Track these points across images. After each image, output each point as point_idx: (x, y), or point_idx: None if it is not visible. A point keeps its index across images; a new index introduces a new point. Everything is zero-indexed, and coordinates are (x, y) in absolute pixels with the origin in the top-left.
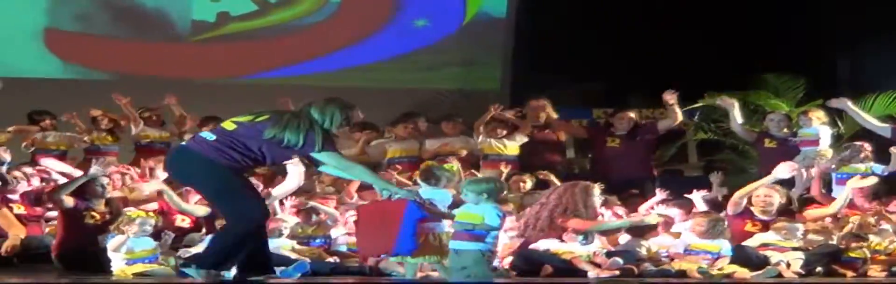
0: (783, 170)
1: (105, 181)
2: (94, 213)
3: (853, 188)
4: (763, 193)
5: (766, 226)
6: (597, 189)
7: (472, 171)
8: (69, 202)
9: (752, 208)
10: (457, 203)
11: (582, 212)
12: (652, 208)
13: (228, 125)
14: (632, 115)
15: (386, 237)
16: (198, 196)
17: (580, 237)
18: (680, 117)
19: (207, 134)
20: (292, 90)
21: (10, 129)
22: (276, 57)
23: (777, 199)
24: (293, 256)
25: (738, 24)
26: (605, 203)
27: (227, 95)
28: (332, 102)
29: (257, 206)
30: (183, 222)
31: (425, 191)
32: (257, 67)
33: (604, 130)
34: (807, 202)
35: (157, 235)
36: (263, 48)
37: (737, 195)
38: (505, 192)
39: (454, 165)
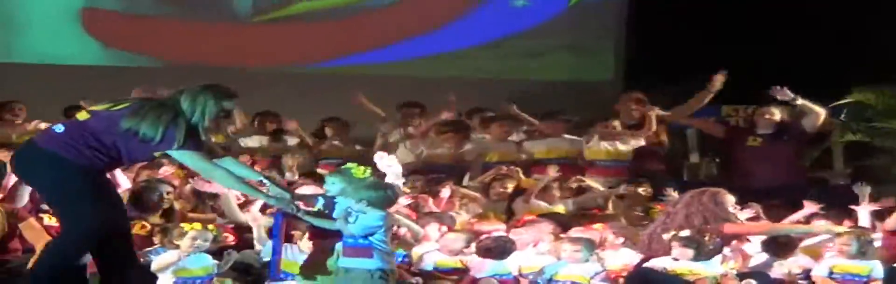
0: None
1: (166, 188)
2: (145, 223)
3: None
4: None
5: None
6: (729, 196)
7: (580, 177)
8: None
9: None
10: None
11: (729, 219)
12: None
13: (82, 115)
14: (777, 111)
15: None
16: (258, 204)
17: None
18: (822, 113)
19: (58, 126)
20: (367, 81)
21: (41, 125)
22: (348, 42)
23: None
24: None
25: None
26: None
27: (290, 87)
28: (208, 90)
29: (98, 212)
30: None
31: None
32: (326, 53)
33: (743, 129)
34: None
35: (214, 252)
36: (334, 32)
37: None
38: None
39: (363, 169)
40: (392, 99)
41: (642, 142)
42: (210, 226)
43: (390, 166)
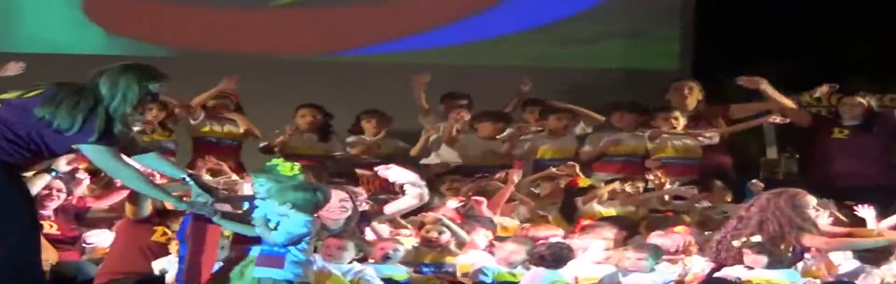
0: None
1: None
2: (167, 230)
3: None
4: None
5: None
6: (809, 198)
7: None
8: (145, 211)
9: None
10: None
11: (807, 227)
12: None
13: None
14: (864, 101)
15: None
16: None
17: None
18: None
19: None
20: (401, 70)
21: None
22: (380, 28)
23: None
24: None
25: None
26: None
27: (314, 78)
28: (129, 70)
29: (32, 211)
30: None
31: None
32: (356, 41)
33: (827, 119)
34: None
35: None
36: (365, 17)
37: None
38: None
39: (291, 165)
40: (432, 90)
41: (716, 139)
42: (226, 232)
43: (398, 178)
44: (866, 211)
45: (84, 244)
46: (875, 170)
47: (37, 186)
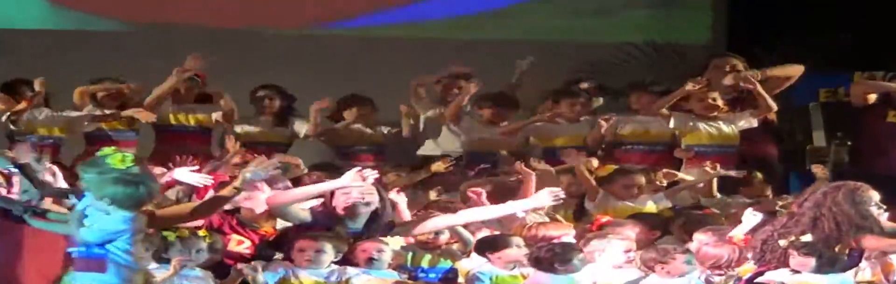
0: None
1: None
2: None
3: None
4: None
5: None
6: (871, 193)
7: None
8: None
9: None
10: None
11: (868, 226)
12: None
13: None
14: None
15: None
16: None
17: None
18: None
19: None
20: (391, 46)
21: None
22: None
23: None
24: None
25: None
26: None
27: (292, 55)
28: None
29: None
30: (239, 246)
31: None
32: (340, 12)
33: (881, 101)
34: None
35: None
36: None
37: None
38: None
39: (122, 156)
40: (428, 68)
41: (755, 122)
42: (202, 232)
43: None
44: None
45: None
46: None
47: None
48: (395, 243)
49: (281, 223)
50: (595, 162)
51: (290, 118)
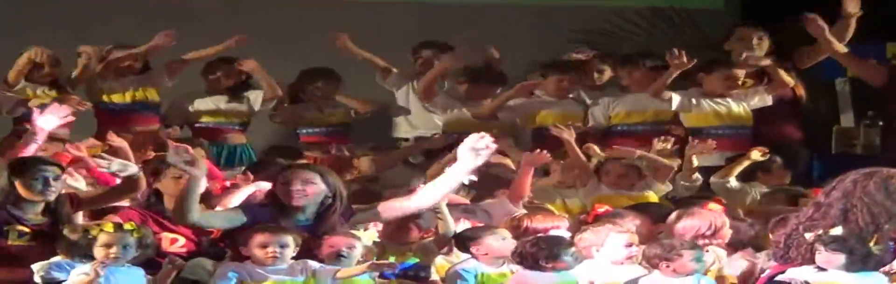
0: None
1: (53, 172)
2: (22, 228)
3: None
4: None
5: None
6: None
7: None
8: None
9: None
10: None
11: None
12: None
13: None
14: None
15: None
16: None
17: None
18: None
19: None
20: (369, 8)
21: None
22: None
23: None
24: None
25: None
26: None
27: (241, 20)
28: None
29: None
30: (173, 245)
31: None
32: None
33: None
34: None
35: (147, 263)
36: None
37: None
38: None
39: None
40: (405, 37)
41: (769, 100)
42: (129, 225)
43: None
44: None
45: None
46: None
47: None
48: (368, 237)
49: None
50: (596, 149)
51: (244, 94)
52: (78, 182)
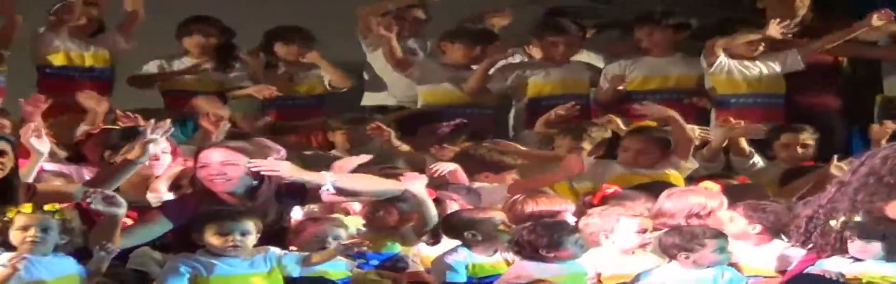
0: None
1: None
2: None
3: None
4: None
5: None
6: None
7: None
8: None
9: None
10: None
11: None
12: None
13: None
14: None
15: None
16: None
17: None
18: None
19: None
20: None
21: None
22: None
23: None
24: None
25: None
26: None
27: None
28: None
29: None
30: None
31: None
32: None
33: None
34: None
35: (80, 251)
36: None
37: None
38: None
39: None
40: None
41: (802, 64)
42: (50, 206)
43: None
44: None
45: None
46: None
47: None
48: (353, 223)
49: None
50: (619, 121)
51: (229, 60)
52: (42, 145)
